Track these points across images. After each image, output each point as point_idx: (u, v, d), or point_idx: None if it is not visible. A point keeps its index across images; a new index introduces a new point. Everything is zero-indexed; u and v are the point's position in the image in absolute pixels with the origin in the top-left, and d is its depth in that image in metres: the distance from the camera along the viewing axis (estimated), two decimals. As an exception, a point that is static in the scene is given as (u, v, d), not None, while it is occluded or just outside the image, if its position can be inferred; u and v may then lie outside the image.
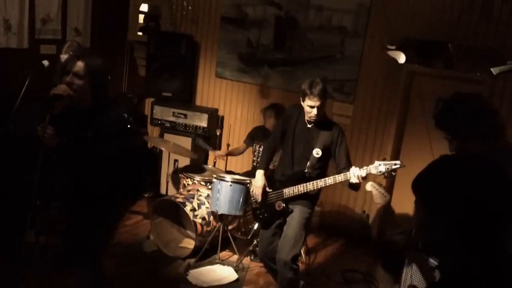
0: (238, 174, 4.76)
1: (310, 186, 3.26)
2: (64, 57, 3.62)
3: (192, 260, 4.05)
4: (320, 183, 3.22)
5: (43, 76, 2.86)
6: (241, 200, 3.97)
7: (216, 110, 5.53)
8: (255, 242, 4.23)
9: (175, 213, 4.40)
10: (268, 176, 3.50)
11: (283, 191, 3.39)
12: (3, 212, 3.71)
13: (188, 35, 5.44)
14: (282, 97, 5.13)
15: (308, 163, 3.30)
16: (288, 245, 3.30)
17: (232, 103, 5.55)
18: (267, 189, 3.48)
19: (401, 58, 4.39)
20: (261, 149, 4.89)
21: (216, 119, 5.49)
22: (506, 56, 4.12)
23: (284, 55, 5.19)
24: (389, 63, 4.57)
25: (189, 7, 5.56)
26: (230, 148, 5.15)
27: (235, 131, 5.55)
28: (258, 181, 3.46)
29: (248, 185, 4.06)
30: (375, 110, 4.85)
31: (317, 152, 3.28)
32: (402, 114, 4.72)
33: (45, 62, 3.51)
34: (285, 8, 5.11)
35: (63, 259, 3.58)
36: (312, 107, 3.19)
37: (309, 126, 3.34)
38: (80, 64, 2.52)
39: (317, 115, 3.21)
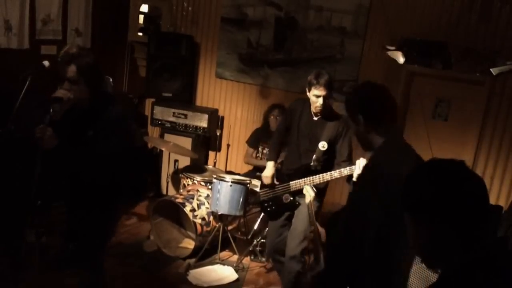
0: (238, 174, 4.77)
1: (316, 179, 3.27)
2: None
3: (192, 260, 4.06)
4: (326, 176, 3.23)
5: (43, 76, 2.86)
6: (241, 200, 3.97)
7: (216, 111, 5.54)
8: (255, 242, 4.23)
9: (175, 213, 4.40)
10: (275, 170, 3.52)
11: (289, 184, 3.40)
12: (3, 213, 3.72)
13: (188, 36, 5.45)
14: (282, 98, 5.13)
15: (314, 156, 3.30)
16: (297, 239, 3.33)
17: (232, 103, 5.56)
18: (275, 181, 3.48)
19: (401, 59, 4.41)
20: (265, 151, 4.90)
21: (216, 120, 5.50)
22: (505, 56, 4.14)
23: (284, 55, 5.20)
24: (389, 63, 4.58)
25: (189, 8, 5.57)
26: (251, 160, 5.04)
27: (235, 131, 5.56)
28: (267, 171, 3.50)
29: (248, 185, 4.07)
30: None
31: (323, 145, 3.28)
32: (402, 114, 4.73)
33: (46, 63, 3.50)
34: (285, 9, 5.11)
35: (63, 259, 3.60)
36: (318, 96, 3.21)
37: (315, 119, 3.35)
38: (72, 69, 2.52)
39: (323, 105, 3.23)
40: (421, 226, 1.30)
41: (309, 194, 3.11)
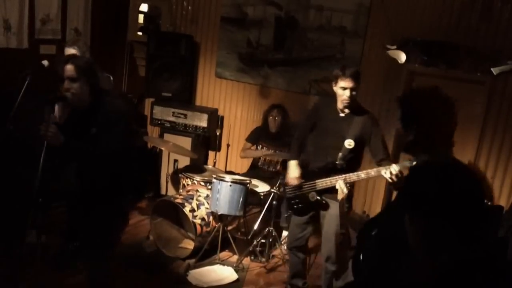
0: (238, 174, 4.76)
1: (343, 178, 3.17)
2: (67, 50, 3.63)
3: (192, 261, 4.05)
4: (353, 176, 3.14)
5: (43, 76, 2.87)
6: (241, 200, 3.97)
7: (216, 110, 5.53)
8: (255, 242, 4.23)
9: (174, 213, 4.39)
10: (301, 168, 3.46)
11: (315, 183, 3.33)
12: (3, 212, 3.71)
13: (188, 35, 5.44)
14: (282, 97, 5.13)
15: (340, 154, 3.23)
16: (331, 241, 3.34)
17: (232, 103, 5.55)
18: (301, 179, 3.44)
19: (401, 58, 4.40)
20: (263, 150, 4.88)
21: (216, 119, 5.49)
22: (506, 56, 4.13)
23: (284, 55, 5.19)
24: (389, 63, 4.57)
25: (189, 7, 5.56)
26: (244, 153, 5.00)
27: (235, 131, 5.55)
28: (293, 172, 3.43)
29: (248, 185, 4.06)
30: (375, 110, 4.83)
31: (349, 143, 3.21)
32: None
33: (45, 62, 3.50)
34: (285, 8, 5.10)
35: (63, 259, 3.59)
36: (344, 88, 3.16)
37: (342, 115, 3.29)
38: (70, 68, 2.56)
39: (350, 97, 3.17)
40: (420, 224, 1.29)
41: (342, 190, 3.02)
